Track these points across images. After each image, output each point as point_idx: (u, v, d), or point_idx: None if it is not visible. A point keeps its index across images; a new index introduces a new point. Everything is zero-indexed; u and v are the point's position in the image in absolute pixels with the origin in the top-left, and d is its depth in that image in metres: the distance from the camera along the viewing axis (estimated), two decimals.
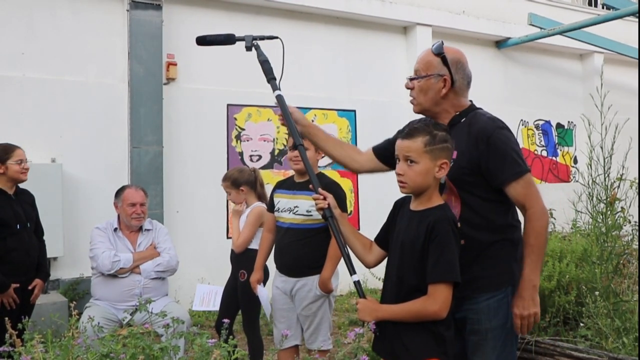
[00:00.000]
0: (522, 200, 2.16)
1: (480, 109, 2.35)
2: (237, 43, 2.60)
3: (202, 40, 2.65)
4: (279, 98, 2.49)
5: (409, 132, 2.10)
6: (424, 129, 2.08)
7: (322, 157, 3.40)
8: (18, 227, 3.63)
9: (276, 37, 2.59)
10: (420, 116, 2.39)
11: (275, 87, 2.51)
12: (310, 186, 2.41)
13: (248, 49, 2.58)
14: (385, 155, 2.50)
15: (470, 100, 2.38)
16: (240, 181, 3.94)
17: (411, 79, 2.34)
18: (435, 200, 2.10)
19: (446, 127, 2.13)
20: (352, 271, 2.23)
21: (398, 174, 2.10)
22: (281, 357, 3.32)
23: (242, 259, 3.84)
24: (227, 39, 2.59)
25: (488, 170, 2.17)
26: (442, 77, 2.27)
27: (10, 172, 3.63)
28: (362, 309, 2.10)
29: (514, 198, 2.18)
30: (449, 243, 1.99)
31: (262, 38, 2.58)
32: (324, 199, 2.31)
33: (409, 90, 2.36)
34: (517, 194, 2.15)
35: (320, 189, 2.36)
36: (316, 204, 2.32)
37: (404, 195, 2.20)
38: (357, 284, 2.23)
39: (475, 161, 2.17)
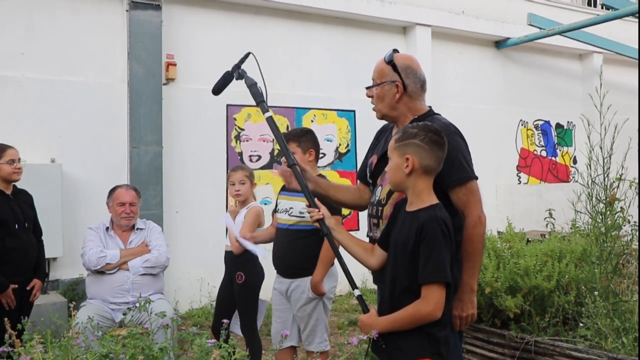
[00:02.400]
0: (462, 206, 2.22)
1: (438, 114, 2.41)
2: (237, 51, 2.63)
3: (217, 91, 2.68)
4: (269, 120, 2.50)
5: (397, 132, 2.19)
6: (403, 128, 2.16)
7: (321, 157, 3.40)
8: (16, 227, 3.63)
9: (249, 54, 2.61)
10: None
11: (264, 110, 2.52)
12: (306, 204, 2.38)
13: (237, 78, 2.60)
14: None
15: (429, 106, 2.45)
16: (253, 177, 4.03)
17: (368, 88, 2.46)
18: (427, 200, 2.11)
19: (436, 129, 2.13)
20: (353, 286, 2.27)
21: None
22: (278, 357, 3.32)
23: (240, 260, 3.80)
24: (226, 79, 2.64)
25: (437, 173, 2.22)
26: (394, 82, 2.39)
27: (2, 172, 3.60)
28: (362, 326, 2.16)
29: (455, 203, 2.24)
30: (438, 243, 2.00)
31: (242, 62, 2.61)
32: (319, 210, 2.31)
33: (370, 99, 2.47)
34: (458, 199, 2.22)
35: (316, 201, 2.35)
36: (311, 217, 2.33)
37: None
38: (359, 298, 2.25)
39: None
